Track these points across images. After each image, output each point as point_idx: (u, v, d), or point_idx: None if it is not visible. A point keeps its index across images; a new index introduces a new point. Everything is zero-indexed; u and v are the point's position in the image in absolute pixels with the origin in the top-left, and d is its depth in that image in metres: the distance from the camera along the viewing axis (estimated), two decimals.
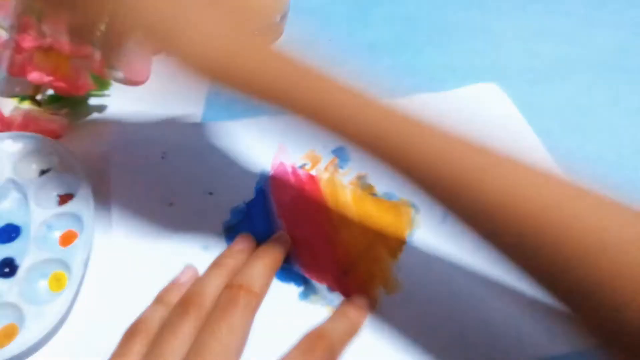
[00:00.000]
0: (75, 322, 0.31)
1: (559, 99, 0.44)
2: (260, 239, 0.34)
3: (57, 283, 0.31)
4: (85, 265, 0.32)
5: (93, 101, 0.44)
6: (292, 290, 0.33)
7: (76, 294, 0.31)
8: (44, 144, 0.37)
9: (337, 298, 0.32)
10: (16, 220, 0.35)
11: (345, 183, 0.38)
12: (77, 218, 0.34)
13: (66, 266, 0.32)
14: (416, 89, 0.44)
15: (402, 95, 0.43)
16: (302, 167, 0.39)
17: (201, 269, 0.32)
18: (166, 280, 0.32)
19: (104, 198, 0.36)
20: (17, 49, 0.39)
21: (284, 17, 0.50)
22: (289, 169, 0.39)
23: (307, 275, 0.33)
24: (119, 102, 0.44)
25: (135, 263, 0.33)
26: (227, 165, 0.39)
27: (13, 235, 0.34)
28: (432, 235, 0.35)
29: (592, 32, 0.51)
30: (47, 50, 0.40)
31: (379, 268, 0.33)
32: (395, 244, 0.35)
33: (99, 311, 0.31)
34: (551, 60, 0.48)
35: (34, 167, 0.37)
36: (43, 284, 0.31)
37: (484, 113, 0.43)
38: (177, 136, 0.41)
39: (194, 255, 0.34)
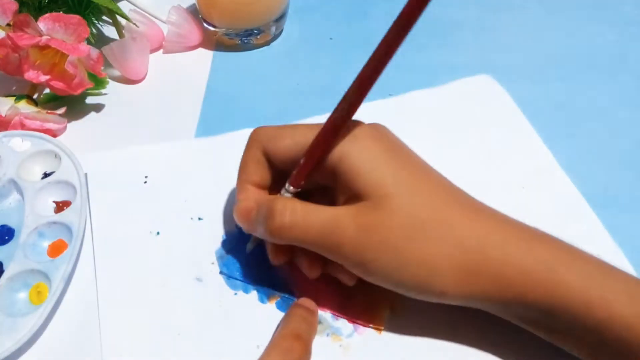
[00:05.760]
0: (48, 340, 0.30)
1: (557, 95, 0.44)
2: (256, 266, 0.32)
3: (38, 296, 0.30)
4: (67, 280, 0.31)
5: (90, 100, 0.44)
6: None
7: (53, 309, 0.30)
8: (50, 146, 0.37)
9: (343, 326, 0.30)
10: (11, 222, 0.34)
11: None
12: (68, 229, 0.33)
13: (49, 279, 0.31)
14: (416, 86, 0.44)
15: (398, 93, 0.43)
16: None
17: (195, 303, 0.31)
18: (154, 316, 0.30)
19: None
20: (14, 47, 0.39)
21: (283, 16, 0.49)
22: None
23: None
24: (116, 101, 0.44)
25: (120, 299, 0.31)
26: (216, 186, 0.36)
27: (6, 238, 0.33)
28: None
29: (591, 29, 0.50)
30: (44, 48, 0.39)
31: (383, 289, 0.31)
32: None
33: (74, 332, 0.30)
34: (550, 57, 0.48)
35: (37, 170, 0.37)
36: (23, 295, 0.31)
37: (480, 105, 0.41)
38: (159, 157, 0.38)
39: (186, 288, 0.31)
